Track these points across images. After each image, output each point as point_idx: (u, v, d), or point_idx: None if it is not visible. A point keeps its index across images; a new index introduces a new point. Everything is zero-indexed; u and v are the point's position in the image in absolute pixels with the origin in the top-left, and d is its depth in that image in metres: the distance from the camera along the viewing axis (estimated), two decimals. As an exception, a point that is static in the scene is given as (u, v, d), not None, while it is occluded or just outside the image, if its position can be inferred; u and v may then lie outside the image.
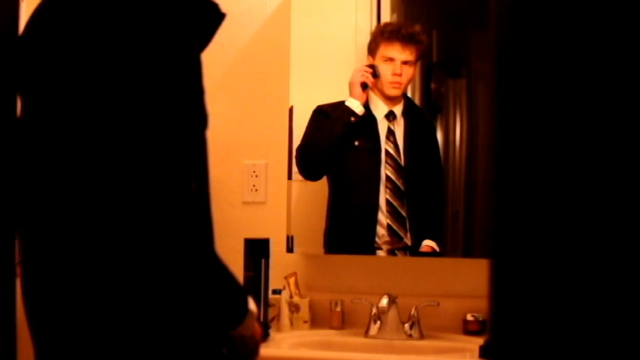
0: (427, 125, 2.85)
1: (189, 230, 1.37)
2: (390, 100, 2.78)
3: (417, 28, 2.78)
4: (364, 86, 2.76)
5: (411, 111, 2.81)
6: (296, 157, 2.81)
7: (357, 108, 2.76)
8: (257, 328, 1.51)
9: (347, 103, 2.76)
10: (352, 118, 2.75)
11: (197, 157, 1.41)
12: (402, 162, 2.78)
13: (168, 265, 1.36)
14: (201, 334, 1.41)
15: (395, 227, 2.76)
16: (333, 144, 2.78)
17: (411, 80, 2.79)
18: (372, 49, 2.79)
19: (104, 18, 1.39)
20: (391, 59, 2.76)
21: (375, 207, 2.76)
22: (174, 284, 1.37)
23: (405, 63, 2.75)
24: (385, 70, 2.76)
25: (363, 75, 2.75)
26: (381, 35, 2.78)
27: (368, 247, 2.78)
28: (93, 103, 1.36)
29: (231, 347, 1.47)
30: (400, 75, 2.75)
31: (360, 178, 2.80)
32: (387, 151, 2.78)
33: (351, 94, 2.76)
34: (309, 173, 2.82)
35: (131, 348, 1.37)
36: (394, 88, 2.76)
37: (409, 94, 2.83)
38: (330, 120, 2.78)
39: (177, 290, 1.38)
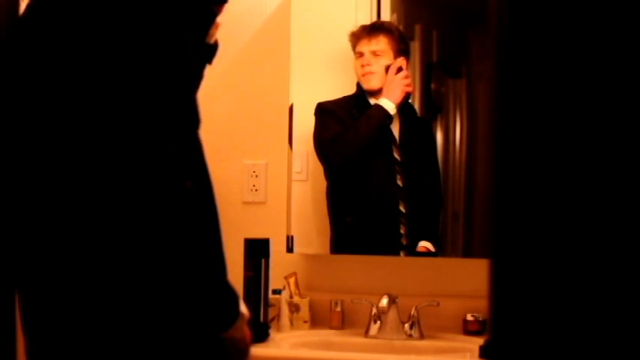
0: (422, 123, 2.85)
1: (182, 231, 1.37)
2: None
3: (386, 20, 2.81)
4: (408, 96, 2.76)
5: (405, 108, 2.80)
6: (325, 156, 2.79)
7: (393, 110, 2.75)
8: (247, 332, 1.51)
9: (383, 105, 2.74)
10: (387, 121, 2.75)
11: (191, 157, 1.41)
12: (399, 159, 2.78)
13: (160, 265, 1.36)
14: (191, 336, 1.41)
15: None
16: (367, 144, 2.76)
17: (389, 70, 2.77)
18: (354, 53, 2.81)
19: (96, 16, 1.39)
20: (361, 54, 2.76)
21: (396, 206, 2.76)
22: (166, 285, 1.37)
23: (374, 54, 2.75)
24: (357, 66, 2.77)
25: (410, 85, 2.75)
26: (354, 38, 2.79)
27: (390, 247, 2.78)
28: (84, 103, 1.36)
29: (221, 349, 1.47)
30: (369, 65, 2.75)
31: (364, 176, 2.80)
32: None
33: (391, 96, 2.74)
34: (340, 165, 2.80)
35: (121, 347, 1.37)
36: (366, 80, 2.76)
37: (409, 94, 2.83)
38: (362, 120, 2.76)
39: (169, 291, 1.38)
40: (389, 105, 2.74)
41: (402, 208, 2.76)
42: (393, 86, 2.73)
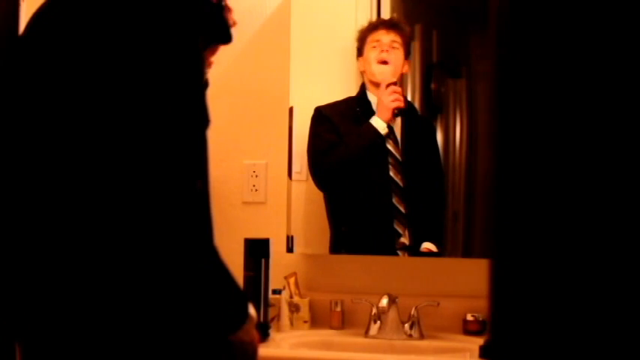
0: (425, 123, 2.86)
1: (192, 231, 1.37)
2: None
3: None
4: (397, 114, 2.75)
5: (408, 109, 2.80)
6: (312, 167, 2.80)
7: (384, 130, 2.75)
8: (256, 335, 1.50)
9: (373, 123, 2.75)
10: (378, 140, 2.75)
11: (200, 156, 1.41)
12: (401, 159, 2.78)
13: (170, 266, 1.36)
14: (199, 338, 1.40)
15: (395, 225, 2.76)
16: (354, 162, 2.77)
17: (401, 68, 2.77)
18: (361, 48, 2.80)
19: (106, 17, 1.39)
20: (378, 41, 2.78)
21: (397, 207, 2.76)
22: (175, 286, 1.37)
23: (392, 46, 2.77)
24: (373, 56, 2.77)
25: (396, 100, 2.74)
26: (367, 30, 2.80)
27: (388, 248, 2.78)
28: (96, 103, 1.36)
29: (229, 352, 1.46)
30: (387, 52, 2.76)
31: (364, 177, 2.80)
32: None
33: (382, 115, 2.75)
34: (327, 186, 2.82)
35: (128, 350, 1.37)
36: (380, 70, 2.75)
37: (408, 94, 2.83)
38: (353, 136, 2.77)
39: (177, 292, 1.37)
40: (380, 124, 2.75)
41: (403, 209, 2.76)
42: (383, 104, 2.75)
